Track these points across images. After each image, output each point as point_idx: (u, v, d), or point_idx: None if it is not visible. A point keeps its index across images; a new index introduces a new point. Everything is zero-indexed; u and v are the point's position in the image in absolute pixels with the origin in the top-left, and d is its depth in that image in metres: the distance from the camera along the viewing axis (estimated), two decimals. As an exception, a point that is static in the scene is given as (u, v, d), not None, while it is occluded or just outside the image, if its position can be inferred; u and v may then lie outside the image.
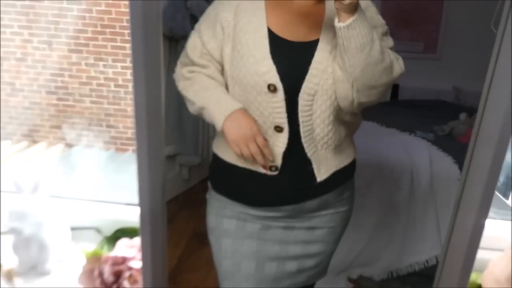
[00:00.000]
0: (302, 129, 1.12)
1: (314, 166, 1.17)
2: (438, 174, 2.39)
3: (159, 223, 0.85)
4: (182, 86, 1.22)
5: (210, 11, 1.18)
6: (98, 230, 1.34)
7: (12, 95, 3.01)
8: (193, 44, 1.18)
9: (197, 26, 1.20)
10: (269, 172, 1.15)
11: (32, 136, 2.95)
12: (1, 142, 2.85)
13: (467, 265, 0.80)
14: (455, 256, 0.81)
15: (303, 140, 1.14)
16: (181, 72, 1.23)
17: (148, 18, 0.72)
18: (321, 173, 1.19)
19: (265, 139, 1.11)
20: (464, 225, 0.78)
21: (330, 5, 1.10)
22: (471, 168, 0.76)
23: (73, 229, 1.31)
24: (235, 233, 1.23)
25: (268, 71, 1.08)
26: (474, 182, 0.76)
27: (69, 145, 2.91)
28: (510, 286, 1.19)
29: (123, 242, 1.18)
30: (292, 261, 1.27)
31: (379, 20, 1.16)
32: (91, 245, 1.28)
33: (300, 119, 1.12)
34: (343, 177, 1.27)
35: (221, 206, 1.24)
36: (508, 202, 2.01)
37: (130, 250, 1.07)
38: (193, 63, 1.19)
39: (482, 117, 0.73)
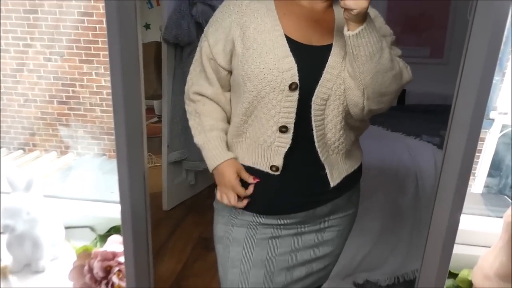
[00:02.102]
0: (315, 134, 1.12)
1: (327, 171, 1.17)
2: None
3: (141, 221, 0.87)
4: (187, 109, 1.27)
5: (217, 13, 1.19)
6: (92, 229, 1.36)
7: (25, 105, 3.08)
8: (204, 49, 1.19)
9: (205, 29, 1.21)
10: (270, 171, 1.16)
11: (45, 146, 3.02)
12: (14, 153, 2.91)
13: (444, 259, 0.80)
14: (434, 251, 0.82)
15: (317, 145, 1.14)
16: (188, 91, 1.25)
17: (125, 26, 0.75)
18: (334, 178, 1.19)
19: (243, 190, 1.17)
20: (440, 220, 0.79)
21: (339, 11, 1.12)
22: (445, 166, 0.77)
23: (68, 228, 1.34)
24: (244, 241, 1.22)
25: (290, 68, 1.08)
26: (448, 178, 0.78)
27: (80, 154, 2.97)
28: (499, 281, 1.18)
29: (113, 238, 1.19)
30: (301, 267, 1.28)
31: (387, 30, 1.18)
32: (85, 243, 1.31)
33: (313, 124, 1.12)
34: (353, 181, 1.28)
35: (231, 216, 1.23)
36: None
37: (120, 245, 1.08)
38: (204, 71, 1.20)
39: (454, 113, 0.74)
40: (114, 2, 0.79)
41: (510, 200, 1.95)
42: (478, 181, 3.05)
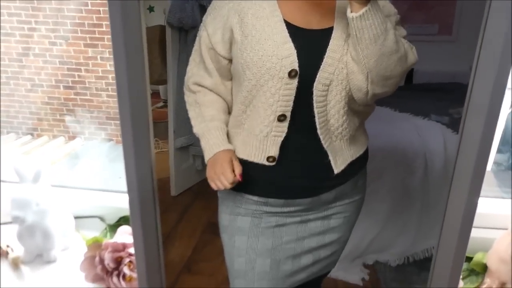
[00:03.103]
0: (317, 120, 1.10)
1: (331, 157, 1.15)
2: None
3: (149, 210, 0.86)
4: (187, 99, 1.26)
5: (215, 1, 1.16)
6: (101, 219, 1.36)
7: (32, 90, 3.06)
8: (203, 39, 1.17)
9: (204, 18, 1.18)
10: (266, 163, 1.14)
11: (52, 131, 3.01)
12: (23, 137, 2.91)
13: (462, 244, 0.79)
14: (450, 235, 0.81)
15: (319, 131, 1.11)
16: (188, 81, 1.24)
17: (128, 8, 0.73)
18: (338, 165, 1.17)
19: (231, 174, 1.12)
20: (457, 204, 0.77)
21: None
22: (461, 148, 0.75)
23: (77, 218, 1.34)
24: (249, 230, 1.21)
25: (289, 55, 1.06)
26: (465, 161, 0.76)
27: (88, 139, 2.96)
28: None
29: (123, 229, 1.19)
30: (307, 255, 1.27)
31: (391, 9, 1.14)
32: (95, 233, 1.31)
33: (315, 110, 1.09)
34: (358, 167, 1.26)
35: (235, 205, 1.22)
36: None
37: (130, 237, 1.08)
38: (203, 61, 1.19)
39: (471, 95, 0.72)
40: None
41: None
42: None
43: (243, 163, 1.16)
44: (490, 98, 0.71)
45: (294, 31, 1.08)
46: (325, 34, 1.08)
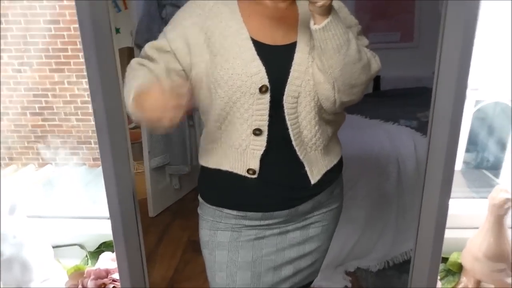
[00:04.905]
0: (291, 133, 1.13)
1: (307, 168, 1.18)
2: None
3: (133, 234, 0.85)
4: (126, 76, 1.13)
5: (179, 13, 1.16)
6: (81, 246, 1.34)
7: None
8: (161, 42, 1.14)
9: (164, 28, 1.17)
10: (247, 175, 1.15)
11: (21, 159, 2.93)
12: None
13: (437, 244, 0.81)
14: (426, 237, 0.83)
15: (294, 143, 1.14)
16: (131, 63, 1.16)
17: (100, 35, 0.73)
18: (314, 175, 1.20)
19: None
20: (430, 205, 0.80)
21: (303, 7, 1.13)
22: (431, 150, 0.78)
23: (56, 247, 1.31)
24: (229, 244, 1.22)
25: (257, 72, 1.08)
26: (435, 162, 0.79)
27: (59, 165, 2.89)
28: (488, 261, 1.21)
29: (106, 256, 1.17)
30: (288, 265, 1.28)
31: (352, 20, 1.19)
32: (76, 261, 1.28)
33: (288, 123, 1.12)
34: (333, 176, 1.28)
35: (215, 220, 1.23)
36: (498, 181, 2.04)
37: (113, 263, 1.06)
38: (146, 55, 1.15)
39: (436, 99, 0.75)
40: (86, 8, 0.77)
41: (490, 176, 2.01)
42: (457, 158, 3.10)
43: (224, 176, 1.17)
44: (453, 100, 0.75)
45: (261, 48, 1.10)
46: (290, 49, 1.12)
